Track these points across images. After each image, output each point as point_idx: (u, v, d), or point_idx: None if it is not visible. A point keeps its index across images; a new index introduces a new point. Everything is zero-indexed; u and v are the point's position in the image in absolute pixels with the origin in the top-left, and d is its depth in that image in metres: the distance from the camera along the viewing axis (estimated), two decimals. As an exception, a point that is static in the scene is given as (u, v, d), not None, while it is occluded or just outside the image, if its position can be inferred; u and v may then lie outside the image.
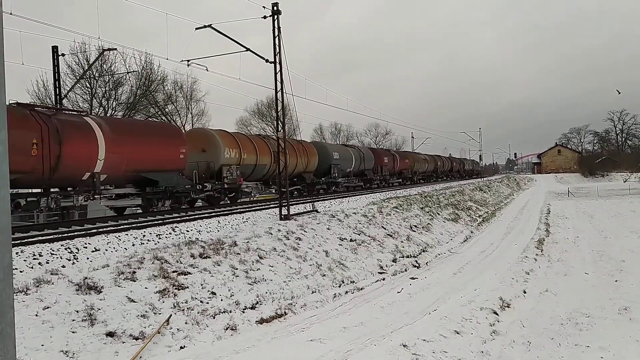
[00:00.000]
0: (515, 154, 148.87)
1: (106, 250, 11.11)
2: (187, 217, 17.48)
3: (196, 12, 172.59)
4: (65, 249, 10.79)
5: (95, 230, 13.46)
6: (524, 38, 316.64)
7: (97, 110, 34.53)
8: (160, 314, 8.17)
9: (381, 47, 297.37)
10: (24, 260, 9.64)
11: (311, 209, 19.42)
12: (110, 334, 7.30)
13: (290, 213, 17.09)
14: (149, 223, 15.39)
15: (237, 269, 10.64)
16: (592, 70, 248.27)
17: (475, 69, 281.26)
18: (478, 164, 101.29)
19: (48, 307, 7.46)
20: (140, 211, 19.52)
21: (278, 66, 17.17)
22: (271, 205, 22.44)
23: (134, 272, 9.10)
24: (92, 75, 34.08)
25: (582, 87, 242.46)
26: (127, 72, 35.36)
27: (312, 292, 11.01)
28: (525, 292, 11.87)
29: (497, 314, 9.94)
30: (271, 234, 13.51)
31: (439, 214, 24.73)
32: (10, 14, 14.65)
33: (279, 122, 18.15)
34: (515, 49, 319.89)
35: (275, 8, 16.78)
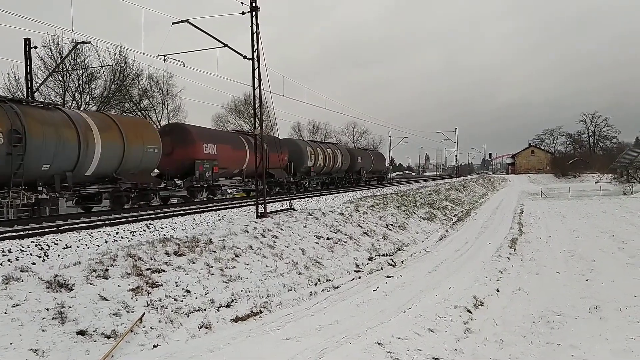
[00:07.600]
0: (490, 154, 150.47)
1: (78, 247, 10.90)
2: (162, 214, 17.28)
3: (173, 6, 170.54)
4: (36, 245, 10.55)
5: (67, 227, 13.18)
6: (523, 39, 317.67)
7: (70, 104, 33.83)
8: (133, 312, 8.04)
9: (380, 47, 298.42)
10: (-8, 257, 9.39)
11: (288, 207, 19.37)
12: (81, 333, 7.15)
13: (267, 211, 17.03)
14: (123, 220, 15.15)
15: (212, 266, 10.54)
16: (588, 72, 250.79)
17: (474, 69, 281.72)
18: (383, 159, 59.78)
19: (17, 305, 7.28)
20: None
21: (256, 63, 17.08)
22: (248, 203, 22.33)
23: (107, 270, 8.93)
24: (65, 69, 33.38)
25: (575, 87, 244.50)
26: (102, 66, 34.75)
27: (288, 291, 10.98)
28: (498, 291, 12.02)
29: (470, 312, 10.04)
30: (247, 231, 13.42)
31: (415, 213, 24.91)
32: (-20, 3, 14.25)
33: (257, 119, 18.04)
34: (511, 50, 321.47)
35: (253, 4, 16.68)
